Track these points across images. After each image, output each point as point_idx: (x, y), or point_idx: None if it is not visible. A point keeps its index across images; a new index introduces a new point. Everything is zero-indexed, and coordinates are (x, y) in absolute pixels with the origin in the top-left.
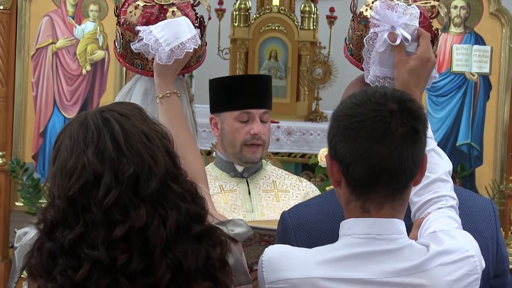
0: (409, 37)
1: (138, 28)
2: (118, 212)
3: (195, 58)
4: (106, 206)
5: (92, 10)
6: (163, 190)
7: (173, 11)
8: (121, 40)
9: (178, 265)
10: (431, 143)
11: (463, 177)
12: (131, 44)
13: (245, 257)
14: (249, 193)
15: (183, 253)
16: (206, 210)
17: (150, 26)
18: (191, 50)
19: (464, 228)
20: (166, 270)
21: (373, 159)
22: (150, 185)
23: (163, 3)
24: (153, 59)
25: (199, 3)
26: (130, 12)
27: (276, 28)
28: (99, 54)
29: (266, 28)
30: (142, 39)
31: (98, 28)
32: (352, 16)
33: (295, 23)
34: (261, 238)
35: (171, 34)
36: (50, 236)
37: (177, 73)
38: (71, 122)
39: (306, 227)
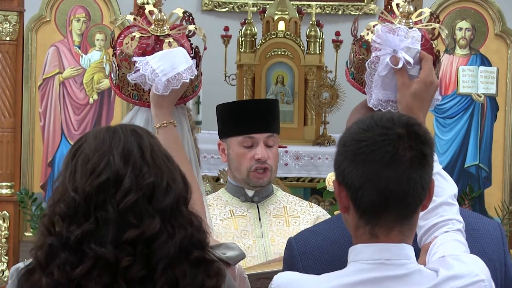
0: (411, 60)
1: (134, 59)
2: (133, 216)
3: (191, 88)
4: (123, 207)
5: (98, 39)
6: (174, 210)
7: (169, 42)
8: (117, 71)
9: (175, 283)
10: (436, 167)
11: (472, 198)
12: (127, 75)
13: (248, 281)
14: (260, 219)
15: (182, 273)
16: (207, 243)
17: (147, 56)
18: (188, 80)
19: (471, 251)
20: (164, 285)
21: (382, 183)
22: (165, 200)
23: (158, 34)
24: (149, 90)
25: (194, 33)
26: (126, 43)
27: (282, 53)
28: (106, 83)
29: (272, 54)
30: (138, 69)
31: (104, 57)
32: (354, 40)
33: (301, 47)
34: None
35: (168, 65)
36: (53, 231)
37: (174, 103)
38: (95, 128)
39: (313, 253)
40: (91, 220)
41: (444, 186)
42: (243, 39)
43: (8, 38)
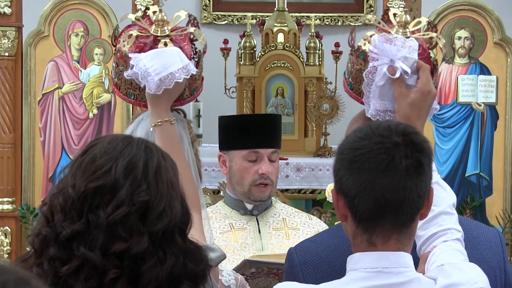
0: (408, 70)
1: (129, 55)
2: (123, 229)
3: (189, 91)
4: (114, 218)
5: (97, 54)
6: (167, 236)
7: (165, 42)
8: (116, 69)
9: None
10: (435, 176)
11: (473, 207)
12: (124, 72)
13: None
14: (259, 231)
15: None
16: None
17: (141, 53)
18: (181, 80)
19: (471, 259)
20: None
21: (377, 192)
22: (158, 224)
23: (158, 34)
24: (145, 87)
25: (197, 39)
26: (123, 41)
27: (282, 65)
28: (105, 97)
29: (272, 66)
30: (133, 66)
31: (103, 71)
32: (351, 50)
33: (301, 59)
34: (269, 271)
35: (160, 64)
36: (50, 222)
37: (171, 102)
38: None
39: (313, 263)
40: (83, 221)
41: (443, 196)
42: (242, 51)
43: (6, 54)
